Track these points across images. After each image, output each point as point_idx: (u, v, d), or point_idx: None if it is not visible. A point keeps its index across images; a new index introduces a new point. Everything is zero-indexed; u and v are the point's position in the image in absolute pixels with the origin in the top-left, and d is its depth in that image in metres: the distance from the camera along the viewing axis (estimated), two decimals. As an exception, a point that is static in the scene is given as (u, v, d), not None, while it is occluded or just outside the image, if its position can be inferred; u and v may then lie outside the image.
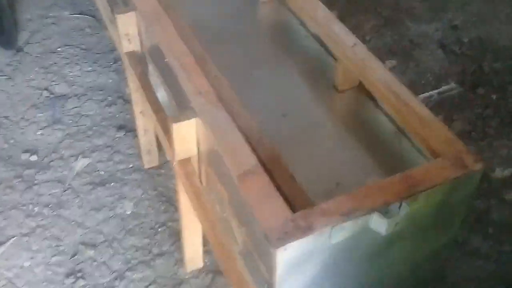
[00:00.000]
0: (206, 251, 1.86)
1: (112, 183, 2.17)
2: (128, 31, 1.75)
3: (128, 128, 2.38)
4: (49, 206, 2.09)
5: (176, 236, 1.97)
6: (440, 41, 2.78)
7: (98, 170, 2.22)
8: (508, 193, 2.03)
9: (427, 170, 1.15)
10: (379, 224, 1.09)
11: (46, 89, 2.58)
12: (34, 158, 2.27)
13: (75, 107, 2.49)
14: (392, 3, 3.03)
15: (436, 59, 2.69)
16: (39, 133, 2.38)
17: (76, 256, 1.93)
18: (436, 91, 2.51)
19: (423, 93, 2.49)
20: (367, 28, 2.87)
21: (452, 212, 1.22)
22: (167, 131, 1.45)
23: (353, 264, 1.19)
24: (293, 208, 1.19)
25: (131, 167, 2.23)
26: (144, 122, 2.05)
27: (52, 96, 2.55)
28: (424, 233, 1.23)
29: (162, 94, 1.76)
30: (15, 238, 1.98)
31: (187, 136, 1.39)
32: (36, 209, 2.07)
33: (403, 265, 1.30)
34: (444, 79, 2.58)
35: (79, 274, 1.88)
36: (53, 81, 2.62)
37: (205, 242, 1.75)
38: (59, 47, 2.80)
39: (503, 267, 1.80)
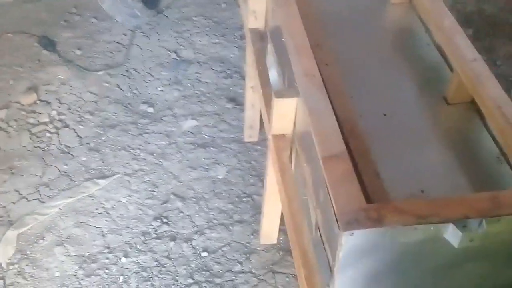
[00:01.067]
0: (282, 230, 1.93)
1: (212, 148, 2.31)
2: (256, 8, 1.85)
3: (238, 102, 2.51)
4: (154, 154, 2.28)
5: (257, 209, 2.06)
6: None
7: (202, 133, 2.38)
8: None
9: (517, 196, 1.10)
10: (453, 236, 1.07)
11: (174, 51, 2.80)
12: (150, 110, 2.48)
13: (196, 73, 2.68)
14: (535, 31, 2.84)
15: None
16: (159, 89, 2.59)
17: (166, 204, 2.10)
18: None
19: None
20: (501, 53, 2.72)
21: (536, 247, 1.16)
22: (269, 106, 1.53)
23: (419, 270, 1.18)
24: (369, 201, 1.21)
25: (232, 137, 2.36)
26: (253, 97, 2.16)
27: (178, 59, 2.75)
28: (501, 261, 1.18)
29: (274, 74, 1.84)
30: (119, 175, 2.20)
31: (286, 113, 1.45)
32: (142, 154, 2.28)
33: (472, 289, 1.26)
34: None
35: (165, 220, 2.04)
36: (182, 45, 2.83)
37: (283, 222, 1.82)
38: (194, 16, 3.01)
39: None
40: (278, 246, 1.95)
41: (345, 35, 1.76)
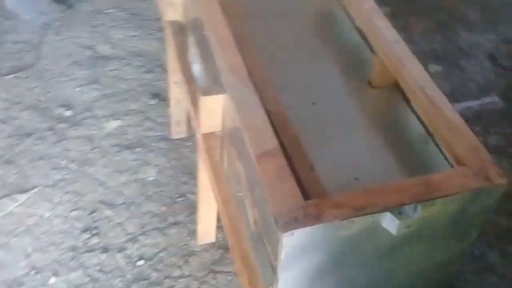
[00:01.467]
0: (220, 227, 1.88)
1: (139, 148, 2.21)
2: (174, 0, 1.76)
3: (162, 97, 2.41)
4: (76, 161, 2.15)
5: (193, 208, 1.99)
6: (490, 53, 2.69)
7: (127, 134, 2.26)
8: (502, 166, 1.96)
9: (448, 177, 1.12)
10: (391, 224, 1.07)
11: (89, 48, 2.64)
12: (68, 113, 2.33)
13: (115, 69, 2.54)
14: (448, 8, 2.95)
15: (483, 70, 2.61)
16: (76, 89, 2.44)
17: (94, 214, 1.98)
18: (477, 102, 2.44)
19: (463, 102, 2.42)
20: (417, 31, 2.80)
21: (468, 224, 1.19)
22: (196, 103, 1.46)
23: (360, 260, 1.17)
24: (307, 196, 1.19)
25: (159, 135, 2.27)
26: (178, 93, 2.08)
27: (94, 55, 2.60)
28: (437, 241, 1.20)
29: (198, 67, 1.77)
30: (39, 188, 2.05)
31: (214, 111, 1.39)
32: (63, 162, 2.14)
33: (411, 271, 1.28)
34: (487, 91, 2.50)
35: (94, 232, 1.93)
36: (98, 41, 2.67)
37: (220, 219, 1.76)
38: (108, 9, 2.85)
39: (517, 289, 1.76)
40: (217, 244, 1.90)
41: (268, 24, 1.72)
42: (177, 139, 2.25)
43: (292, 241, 1.04)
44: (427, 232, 1.16)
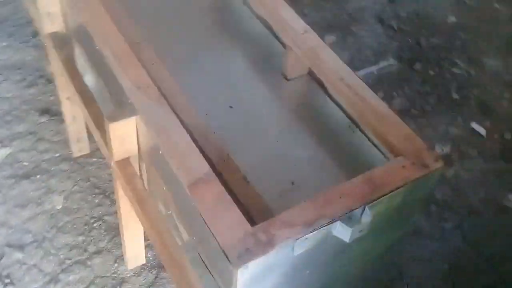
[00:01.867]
0: (148, 245, 1.75)
1: (38, 175, 1.97)
2: (50, 10, 1.55)
3: (53, 112, 2.17)
4: (-34, 204, 1.87)
5: (113, 231, 1.83)
6: (378, 16, 2.75)
7: (20, 161, 2.01)
8: (448, 170, 2.06)
9: (388, 171, 1.10)
10: (343, 232, 1.03)
11: (-48, 68, 2.29)
12: None
13: (-10, 89, 2.24)
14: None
15: (375, 34, 2.66)
16: None
17: (2, 260, 1.75)
18: (375, 67, 2.49)
19: (362, 69, 2.46)
20: (306, 1, 2.78)
21: (412, 209, 1.20)
22: (102, 129, 1.31)
23: (314, 269, 1.13)
24: (250, 215, 1.11)
25: (59, 156, 2.04)
26: (72, 109, 1.87)
27: (-40, 76, 2.27)
28: (384, 232, 1.19)
29: (90, 79, 1.58)
30: None
31: (126, 136, 1.25)
32: (-50, 209, 1.86)
33: (362, 263, 1.27)
34: (383, 55, 2.56)
35: (7, 280, 1.70)
36: (-39, 59, 2.33)
37: (147, 236, 1.64)
38: (-34, 19, 2.49)
39: (446, 245, 1.84)
40: (149, 265, 1.77)
41: (163, 25, 1.58)
42: (80, 156, 2.04)
43: (246, 273, 0.97)
44: (376, 227, 1.14)
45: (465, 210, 1.95)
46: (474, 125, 2.25)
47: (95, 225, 1.87)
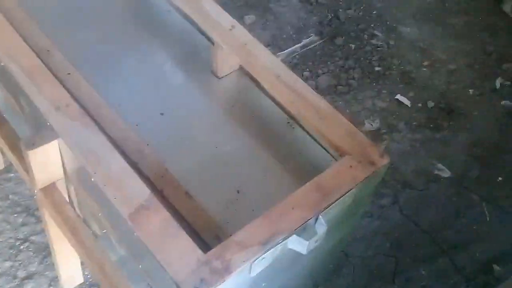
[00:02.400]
0: (84, 263, 1.63)
1: None
2: None
3: (-45, 125, 1.94)
4: None
5: (44, 251, 1.69)
6: (295, -10, 2.70)
7: None
8: (380, 145, 2.09)
9: (336, 174, 1.07)
10: (299, 245, 1.00)
11: None
12: None
13: None
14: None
15: (293, 10, 2.61)
16: None
17: None
18: (298, 45, 2.46)
19: (286, 49, 2.42)
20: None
21: (361, 205, 1.18)
22: (19, 155, 1.17)
23: (271, 281, 1.09)
24: (199, 235, 1.04)
25: (-31, 175, 1.84)
26: (-22, 124, 1.67)
27: None
28: (336, 231, 1.18)
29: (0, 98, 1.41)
30: None
31: (49, 162, 1.12)
32: None
33: (314, 262, 1.25)
34: (304, 31, 2.53)
35: None
36: None
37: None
38: None
39: (386, 223, 1.88)
40: (87, 283, 1.66)
41: (73, 26, 1.42)
42: (-6, 173, 1.85)
43: (205, 304, 0.91)
44: (328, 231, 1.11)
45: (399, 184, 2.00)
46: (399, 97, 2.30)
47: (22, 247, 1.71)
